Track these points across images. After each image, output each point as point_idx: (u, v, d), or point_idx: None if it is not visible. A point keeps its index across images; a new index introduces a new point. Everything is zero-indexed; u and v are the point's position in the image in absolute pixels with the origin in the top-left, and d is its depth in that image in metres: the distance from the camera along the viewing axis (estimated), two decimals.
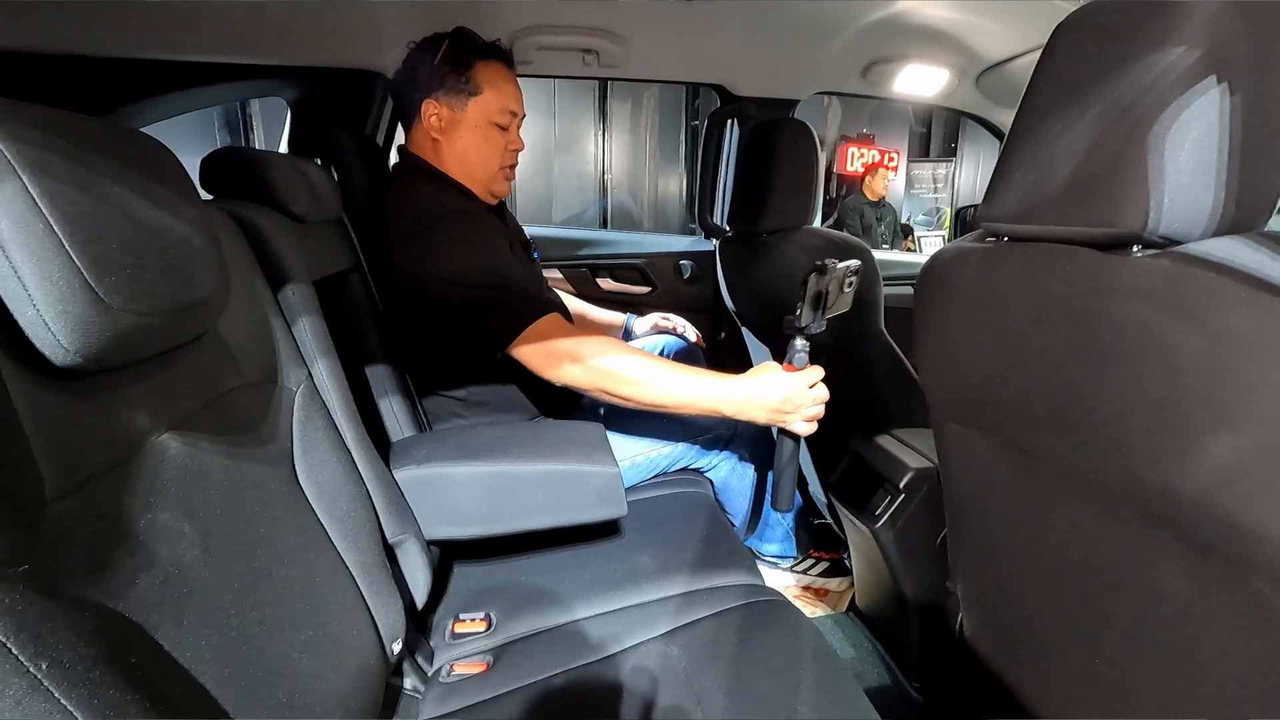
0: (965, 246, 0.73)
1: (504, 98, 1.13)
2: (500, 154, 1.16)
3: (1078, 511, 0.67)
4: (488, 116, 1.12)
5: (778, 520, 1.54)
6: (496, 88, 1.12)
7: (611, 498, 0.93)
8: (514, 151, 1.18)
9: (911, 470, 1.04)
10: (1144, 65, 0.52)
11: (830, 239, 1.29)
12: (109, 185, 0.47)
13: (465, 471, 0.90)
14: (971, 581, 0.92)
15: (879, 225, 5.36)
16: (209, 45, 1.26)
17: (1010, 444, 0.73)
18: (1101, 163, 0.55)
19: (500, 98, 1.13)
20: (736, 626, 0.84)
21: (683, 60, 1.56)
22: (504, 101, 1.13)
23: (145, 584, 0.44)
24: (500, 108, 1.13)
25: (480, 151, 1.14)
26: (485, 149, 1.14)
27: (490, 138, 1.14)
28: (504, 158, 1.17)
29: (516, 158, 1.20)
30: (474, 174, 1.16)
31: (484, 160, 1.15)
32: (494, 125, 1.14)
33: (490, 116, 1.13)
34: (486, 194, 1.19)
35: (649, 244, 1.96)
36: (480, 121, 1.13)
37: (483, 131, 1.13)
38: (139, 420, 0.50)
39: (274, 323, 0.73)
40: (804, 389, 0.97)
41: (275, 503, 0.64)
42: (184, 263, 0.53)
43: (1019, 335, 0.65)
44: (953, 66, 1.54)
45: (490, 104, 1.12)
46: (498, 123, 1.14)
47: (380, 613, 0.74)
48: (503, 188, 1.20)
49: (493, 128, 1.14)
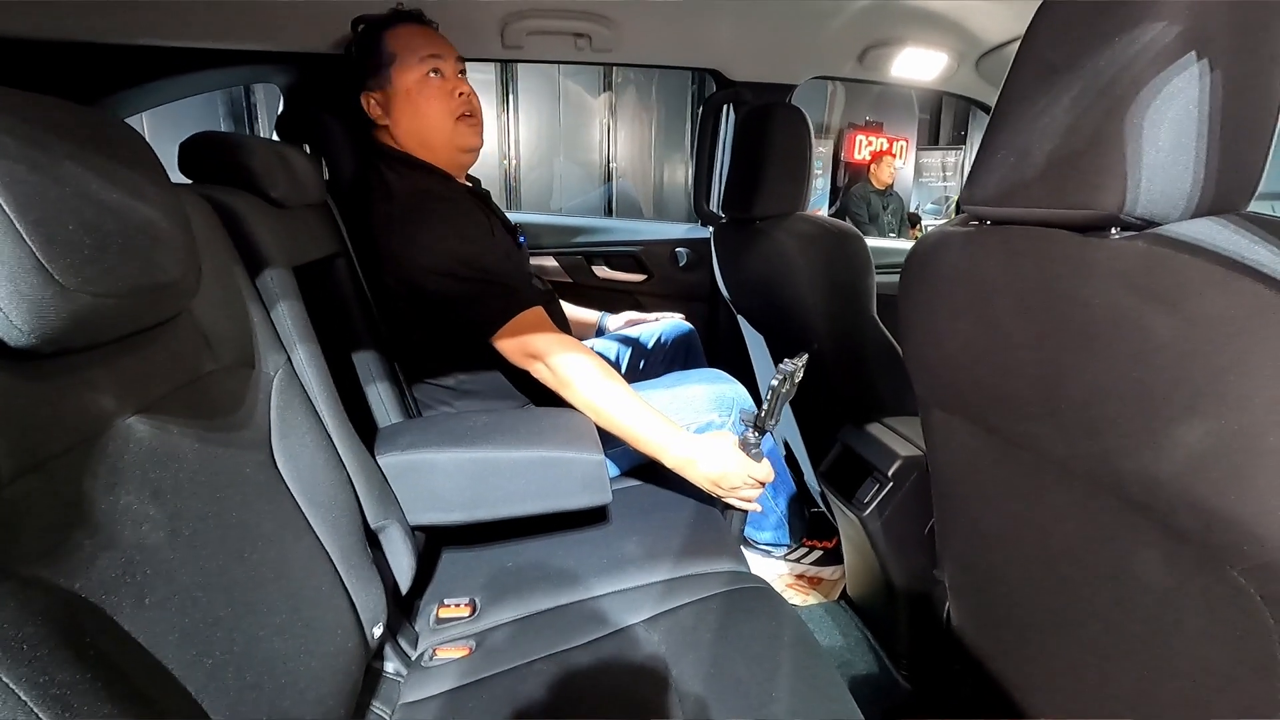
0: (948, 230, 0.72)
1: (419, 47, 1.09)
2: (445, 103, 1.11)
3: (1059, 499, 0.67)
4: (414, 74, 1.09)
5: (771, 508, 1.54)
6: (408, 45, 1.09)
7: (596, 485, 0.93)
8: (463, 97, 1.12)
9: (900, 458, 1.04)
10: (1123, 43, 0.51)
11: (822, 224, 1.27)
12: (69, 166, 0.46)
13: (449, 458, 0.90)
14: (958, 570, 0.92)
15: (885, 213, 5.31)
16: (201, 30, 1.26)
17: (993, 431, 0.72)
18: (1080, 143, 0.54)
19: (413, 50, 1.09)
20: (718, 612, 0.84)
21: (677, 44, 1.54)
22: (419, 50, 1.09)
23: (105, 565, 0.44)
24: (419, 57, 1.09)
25: (425, 112, 1.10)
26: (427, 105, 1.10)
27: (425, 93, 1.10)
28: (452, 106, 1.11)
29: (469, 103, 1.14)
30: (432, 139, 1.12)
31: (433, 118, 1.11)
32: (424, 79, 1.09)
33: (416, 72, 1.09)
34: (455, 153, 1.14)
35: (645, 231, 1.95)
36: (409, 84, 1.09)
37: (415, 91, 1.09)
38: (103, 402, 0.50)
39: (251, 307, 0.73)
40: (745, 474, 0.99)
41: (250, 487, 0.64)
42: (148, 245, 0.52)
43: (999, 320, 0.64)
44: (951, 50, 1.52)
45: (409, 62, 1.09)
46: (425, 72, 1.09)
47: (360, 597, 0.75)
48: (467, 138, 1.14)
49: (425, 81, 1.09)
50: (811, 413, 1.36)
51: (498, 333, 1.00)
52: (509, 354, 1.02)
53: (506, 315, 1.00)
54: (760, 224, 1.33)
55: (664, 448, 0.99)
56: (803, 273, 1.21)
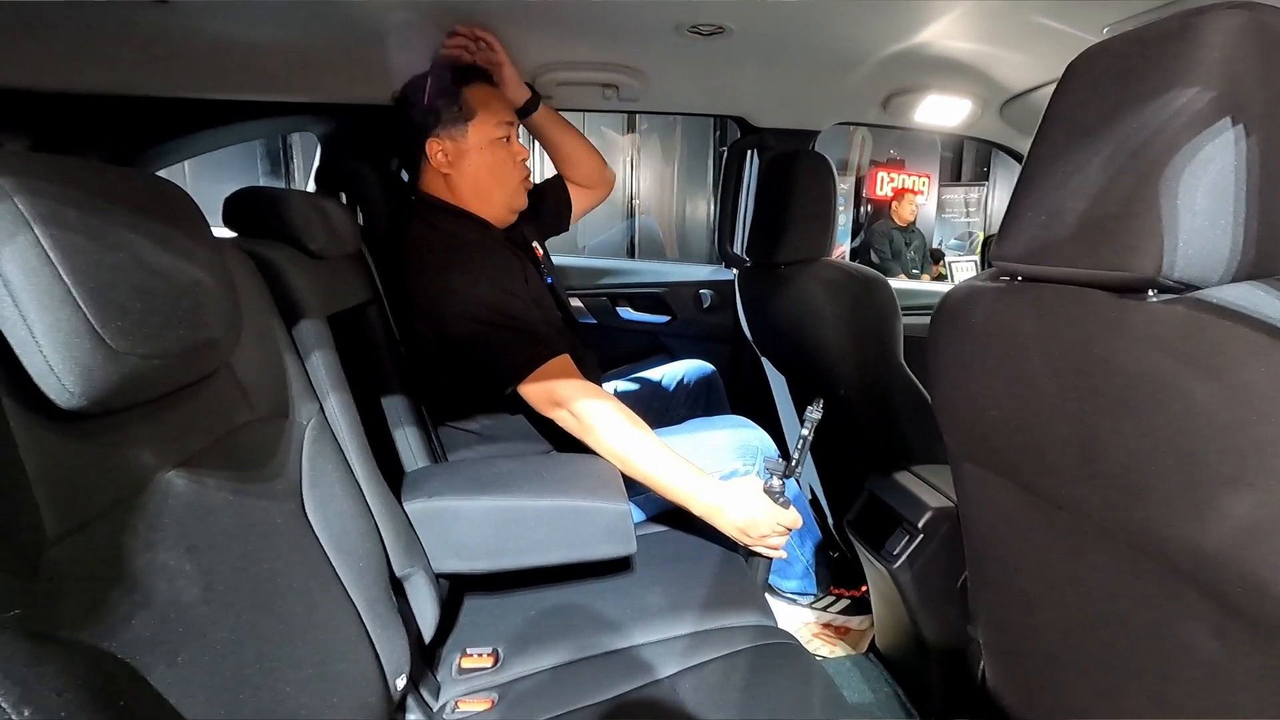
0: (978, 285, 0.71)
1: (497, 111, 1.15)
2: (513, 168, 1.18)
3: (1100, 561, 0.65)
4: (489, 135, 1.14)
5: (797, 556, 1.51)
6: (487, 105, 1.14)
7: (620, 535, 0.92)
8: (522, 161, 1.20)
9: (931, 510, 1.02)
10: (1157, 106, 0.51)
11: (848, 271, 1.27)
12: (122, 232, 0.48)
13: (473, 505, 0.90)
14: (993, 627, 0.89)
15: (908, 250, 5.30)
16: (242, 84, 1.31)
17: (1028, 489, 0.71)
18: (1114, 204, 0.53)
19: (493, 113, 1.15)
20: (745, 670, 0.82)
21: (702, 93, 1.57)
22: (499, 115, 1.15)
23: (141, 624, 0.45)
24: (497, 122, 1.15)
25: (494, 172, 1.17)
26: (498, 168, 1.17)
27: (497, 155, 1.16)
28: (520, 170, 1.19)
29: (526, 168, 1.21)
30: (492, 197, 1.18)
31: (499, 179, 1.17)
32: (498, 141, 1.16)
33: (491, 134, 1.15)
34: (506, 212, 1.21)
35: (669, 273, 1.97)
36: (484, 143, 1.14)
37: (489, 151, 1.15)
38: (144, 458, 0.51)
39: (287, 358, 0.75)
40: (773, 521, 0.98)
41: (281, 538, 0.65)
42: (194, 305, 0.54)
43: (1033, 379, 0.63)
44: (975, 96, 1.53)
45: (487, 122, 1.14)
46: (499, 137, 1.16)
47: (385, 648, 0.74)
48: (522, 200, 1.22)
49: (497, 144, 1.16)
50: (837, 459, 1.35)
51: (523, 381, 1.01)
52: (534, 402, 1.03)
53: (533, 364, 1.01)
54: (785, 269, 1.33)
55: (692, 495, 0.99)
56: (829, 319, 1.21)
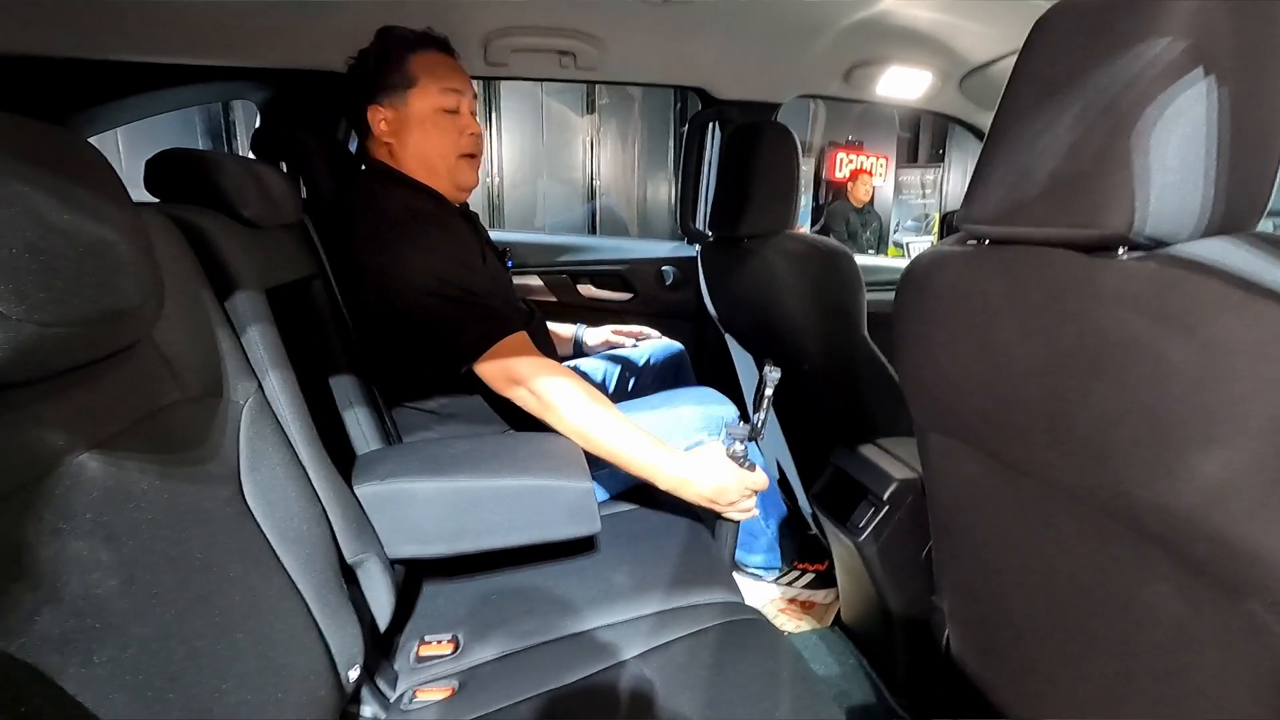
0: (945, 250, 0.70)
1: (442, 80, 1.09)
2: (455, 139, 1.11)
3: (1065, 526, 0.65)
4: (432, 104, 1.08)
5: (761, 530, 1.51)
6: (432, 72, 1.08)
7: (584, 514, 0.89)
8: (472, 136, 1.13)
9: (895, 481, 1.02)
10: (1126, 60, 0.50)
11: (811, 243, 1.26)
12: (15, 185, 0.43)
13: (428, 487, 0.86)
14: (957, 597, 0.89)
15: (864, 231, 5.36)
16: (174, 46, 1.23)
17: (995, 456, 0.70)
18: (1084, 162, 0.52)
19: (438, 81, 1.08)
20: (713, 647, 0.81)
21: (662, 63, 1.53)
22: (443, 83, 1.09)
23: (48, 621, 0.40)
24: (440, 89, 1.08)
25: (434, 142, 1.10)
26: (438, 138, 1.10)
27: (440, 125, 1.10)
28: (461, 144, 1.12)
29: (477, 143, 1.15)
30: (434, 169, 1.12)
31: (440, 151, 1.11)
32: (441, 111, 1.09)
33: (435, 103, 1.08)
34: (453, 188, 1.15)
35: (631, 250, 1.93)
36: (426, 112, 1.08)
37: (430, 121, 1.09)
38: (52, 440, 0.46)
39: (220, 333, 0.69)
40: (741, 486, 0.97)
41: (216, 525, 0.60)
42: (103, 269, 0.49)
43: (1002, 343, 0.62)
44: (935, 69, 1.52)
45: (430, 89, 1.08)
46: (444, 107, 1.09)
47: (335, 638, 0.70)
48: (468, 177, 1.15)
49: (440, 114, 1.09)
50: (802, 434, 1.34)
51: (479, 359, 0.97)
52: (491, 380, 0.99)
53: (488, 340, 0.97)
54: (748, 243, 1.31)
55: (657, 469, 0.97)
56: (792, 292, 1.19)
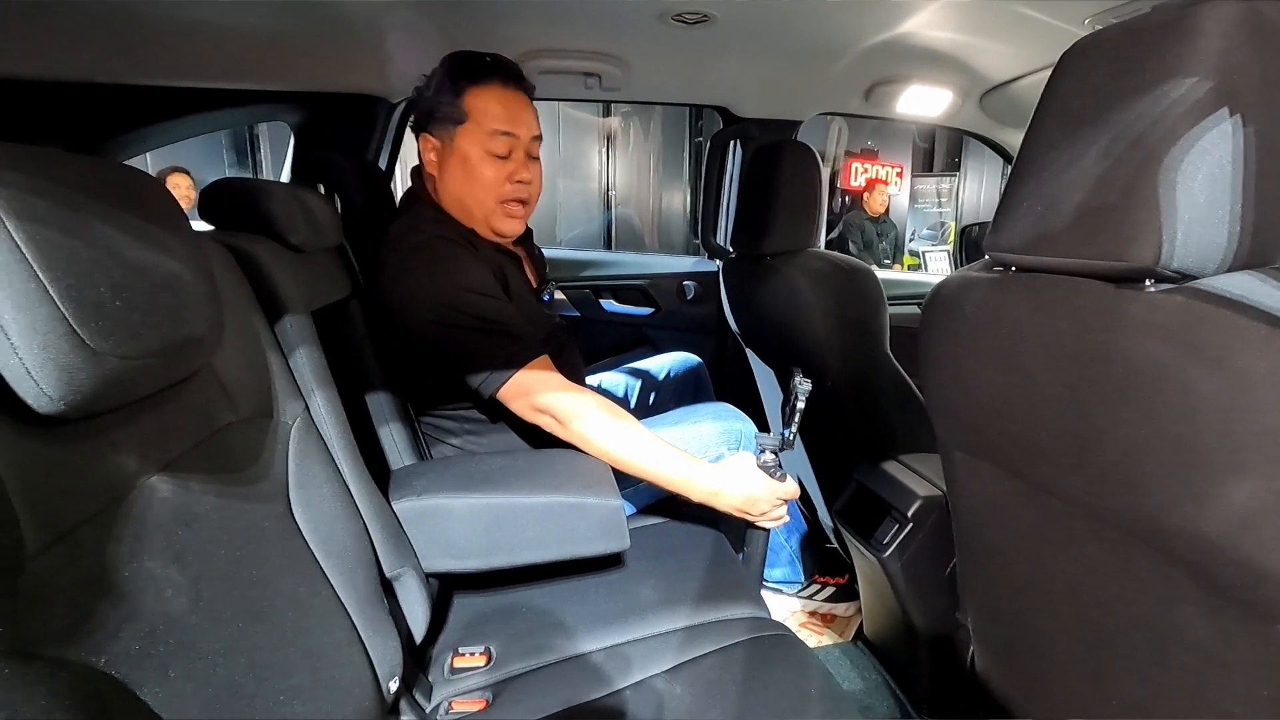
0: (972, 275, 0.71)
1: (495, 121, 1.02)
2: (494, 187, 1.04)
3: (1091, 548, 0.66)
4: (479, 145, 1.03)
5: (781, 545, 1.52)
6: (486, 111, 1.02)
7: (613, 531, 0.91)
8: (519, 184, 1.06)
9: (919, 498, 1.03)
10: (1153, 97, 0.51)
11: (833, 261, 1.28)
12: (98, 226, 0.46)
13: (463, 504, 0.89)
14: (982, 614, 0.90)
15: (880, 241, 5.36)
16: (210, 71, 1.27)
17: (1020, 476, 0.71)
18: (1111, 195, 0.54)
19: (491, 121, 1.02)
20: (742, 663, 0.82)
21: (685, 83, 1.56)
22: (495, 125, 1.02)
23: (129, 637, 0.43)
24: (490, 132, 1.02)
25: (471, 187, 1.04)
26: (477, 183, 1.04)
27: (481, 169, 1.03)
28: (503, 190, 1.05)
29: (523, 191, 1.07)
30: (469, 212, 1.07)
31: (475, 196, 1.05)
32: (487, 155, 1.03)
33: (481, 145, 1.03)
34: (489, 232, 1.09)
35: (652, 265, 1.96)
36: (470, 152, 1.03)
37: (473, 163, 1.03)
38: (127, 464, 0.49)
39: (270, 356, 0.72)
40: (772, 496, 0.98)
41: (268, 542, 0.63)
42: (175, 301, 0.52)
43: (1027, 369, 0.64)
44: (956, 87, 1.54)
45: (479, 131, 1.02)
46: (491, 150, 1.03)
47: (376, 651, 0.73)
48: (505, 224, 1.08)
49: (486, 158, 1.03)
50: (824, 449, 1.35)
51: (501, 386, 0.96)
52: (515, 408, 0.98)
53: (510, 368, 0.95)
54: (771, 260, 1.33)
55: (689, 482, 0.98)
56: (815, 310, 1.21)
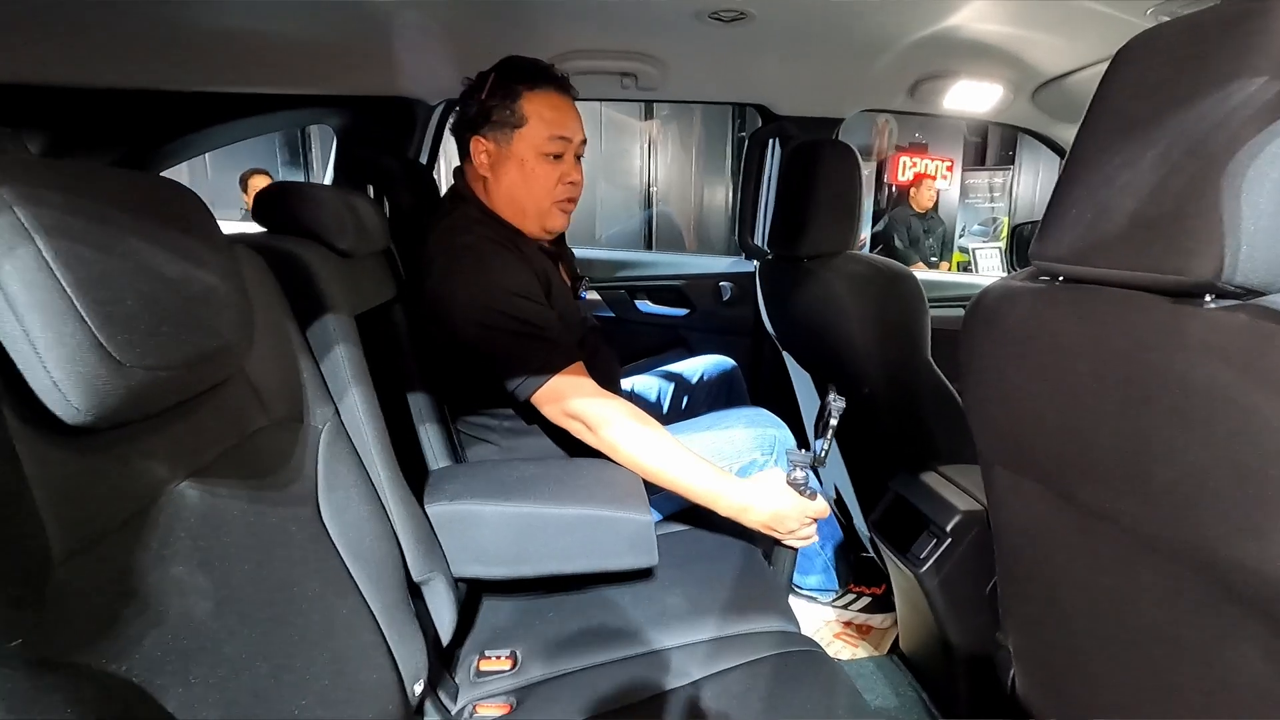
0: (1015, 285, 0.68)
1: (551, 125, 1.06)
2: (552, 188, 1.09)
3: (1142, 576, 0.62)
4: (535, 148, 1.06)
5: (816, 552, 1.49)
6: (542, 117, 1.06)
7: (643, 546, 0.90)
8: (570, 185, 1.11)
9: (959, 513, 0.99)
10: (1217, 97, 0.48)
11: (873, 264, 1.24)
12: (129, 240, 0.47)
13: (494, 511, 0.89)
14: (1024, 636, 0.86)
15: (926, 238, 5.21)
16: (254, 76, 1.30)
17: (1065, 497, 0.68)
18: (1169, 203, 0.50)
19: (547, 126, 1.06)
20: (768, 678, 0.80)
21: (722, 81, 1.54)
22: (551, 129, 1.06)
23: (151, 643, 0.44)
24: (548, 136, 1.06)
25: (529, 187, 1.08)
26: (534, 184, 1.08)
27: (539, 171, 1.07)
28: (557, 191, 1.10)
29: (574, 191, 1.12)
30: (524, 211, 1.10)
31: (534, 197, 1.09)
32: (543, 157, 1.07)
33: (538, 148, 1.06)
34: (539, 230, 1.13)
35: (688, 265, 1.94)
36: (527, 155, 1.07)
37: (530, 165, 1.07)
38: (157, 471, 0.50)
39: (302, 360, 0.73)
40: (800, 514, 0.96)
41: (296, 545, 0.64)
42: (205, 312, 0.53)
43: (1075, 386, 0.60)
44: (1007, 82, 1.47)
45: (537, 134, 1.06)
46: (548, 152, 1.07)
47: (402, 654, 0.73)
48: (556, 222, 1.13)
49: (542, 160, 1.07)
50: (861, 457, 1.32)
51: (535, 391, 0.98)
52: (548, 413, 1.00)
53: (545, 374, 0.97)
54: (808, 262, 1.30)
55: (717, 496, 0.97)
56: (853, 314, 1.18)
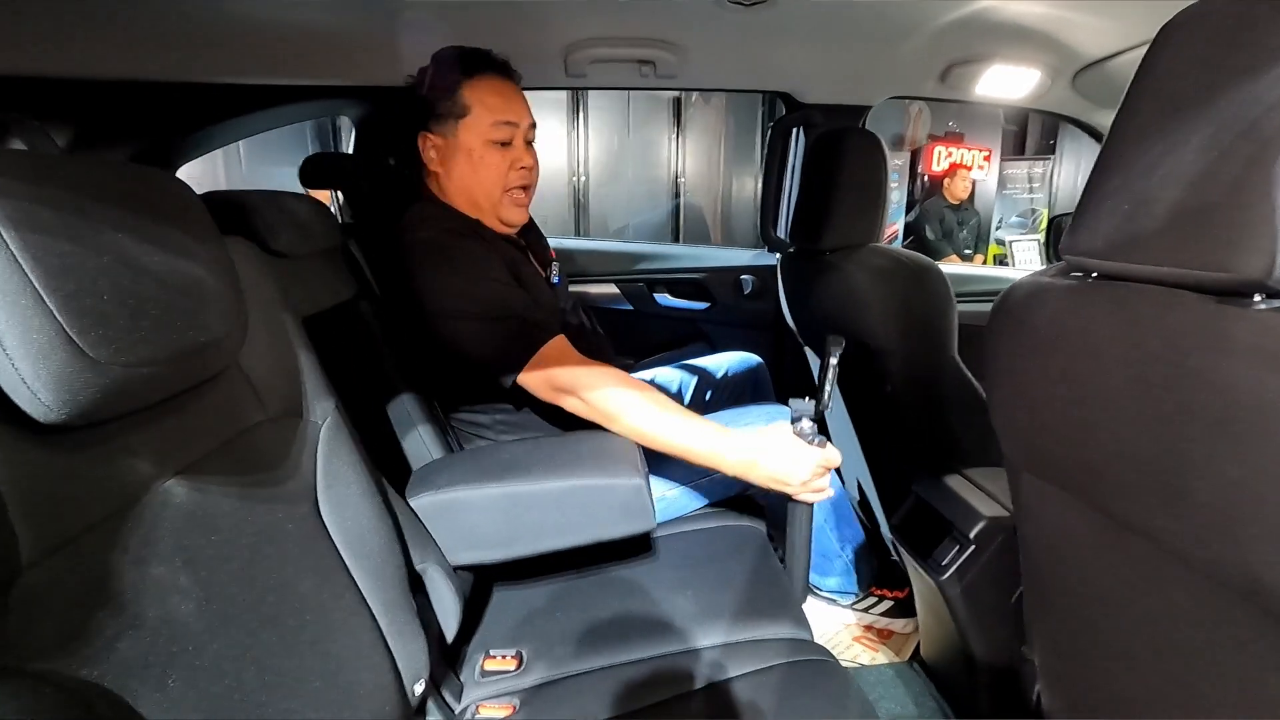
0: (1045, 281, 0.64)
1: (495, 111, 1.04)
2: (502, 175, 1.07)
3: (1179, 597, 0.57)
4: (482, 136, 1.05)
5: (836, 553, 1.45)
6: (485, 103, 1.04)
7: (637, 511, 0.88)
8: (523, 170, 1.09)
9: (983, 519, 0.94)
10: (1273, 77, 0.43)
11: (897, 258, 1.19)
12: (108, 233, 0.46)
13: (481, 494, 0.88)
14: (1051, 651, 0.82)
15: (961, 230, 5.06)
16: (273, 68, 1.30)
17: (1096, 508, 0.63)
18: (1215, 194, 0.46)
19: (491, 112, 1.04)
20: (776, 688, 0.77)
21: (744, 68, 1.49)
22: (495, 115, 1.04)
23: (127, 647, 0.43)
24: (492, 123, 1.04)
25: (480, 177, 1.07)
26: (484, 173, 1.06)
27: (487, 159, 1.06)
28: (508, 178, 1.08)
29: (527, 177, 1.10)
30: (478, 203, 1.09)
31: (484, 186, 1.07)
32: (490, 144, 1.05)
33: (484, 135, 1.05)
34: (497, 222, 1.11)
35: (709, 258, 1.90)
36: (474, 144, 1.05)
37: (479, 154, 1.05)
38: (141, 468, 0.49)
39: (301, 355, 0.72)
40: (811, 464, 0.91)
41: (291, 543, 0.63)
42: (191, 306, 0.52)
43: (1107, 390, 0.56)
44: (1044, 66, 1.40)
45: (481, 122, 1.04)
46: (494, 139, 1.05)
47: (402, 653, 0.72)
48: (513, 213, 1.11)
49: (489, 147, 1.05)
50: (884, 458, 1.27)
51: (522, 371, 0.96)
52: (537, 391, 0.98)
53: (528, 352, 0.96)
54: (830, 255, 1.26)
55: (720, 455, 0.93)
56: (875, 309, 1.13)
